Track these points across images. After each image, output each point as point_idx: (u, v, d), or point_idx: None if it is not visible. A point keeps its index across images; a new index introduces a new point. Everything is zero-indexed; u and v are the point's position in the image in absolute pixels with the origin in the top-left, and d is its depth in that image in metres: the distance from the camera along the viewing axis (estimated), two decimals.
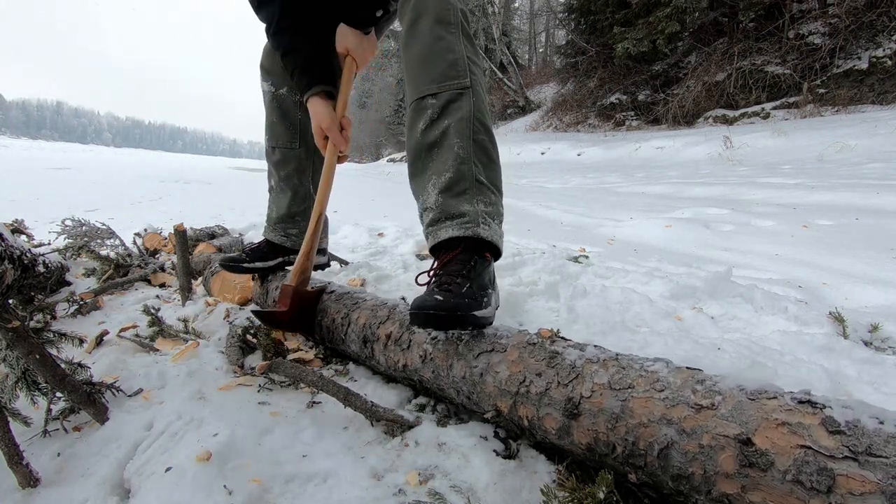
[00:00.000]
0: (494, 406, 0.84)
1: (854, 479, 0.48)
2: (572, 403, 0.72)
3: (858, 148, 5.63)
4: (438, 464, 0.81)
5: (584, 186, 6.47)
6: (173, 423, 0.88)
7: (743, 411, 0.58)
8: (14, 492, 0.77)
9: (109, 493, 0.76)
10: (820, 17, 8.75)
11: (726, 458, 0.56)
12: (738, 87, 9.61)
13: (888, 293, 1.63)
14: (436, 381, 0.96)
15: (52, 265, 1.79)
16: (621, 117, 12.28)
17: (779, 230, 2.72)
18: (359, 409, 0.92)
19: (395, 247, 2.51)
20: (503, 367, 0.83)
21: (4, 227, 1.52)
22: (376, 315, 1.13)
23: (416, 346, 1.00)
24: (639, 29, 10.37)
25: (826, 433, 0.51)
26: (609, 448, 0.68)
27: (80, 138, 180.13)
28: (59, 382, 0.86)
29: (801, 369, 1.07)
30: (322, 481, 0.79)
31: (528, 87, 19.00)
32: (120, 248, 2.11)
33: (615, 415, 0.67)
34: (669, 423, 0.62)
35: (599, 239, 2.89)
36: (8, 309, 0.83)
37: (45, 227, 2.70)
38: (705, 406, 0.61)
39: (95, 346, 1.35)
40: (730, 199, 4.09)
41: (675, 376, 0.67)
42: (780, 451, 0.53)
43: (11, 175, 8.79)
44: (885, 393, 1.02)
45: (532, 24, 23.33)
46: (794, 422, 0.54)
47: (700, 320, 1.39)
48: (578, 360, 0.77)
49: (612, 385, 0.70)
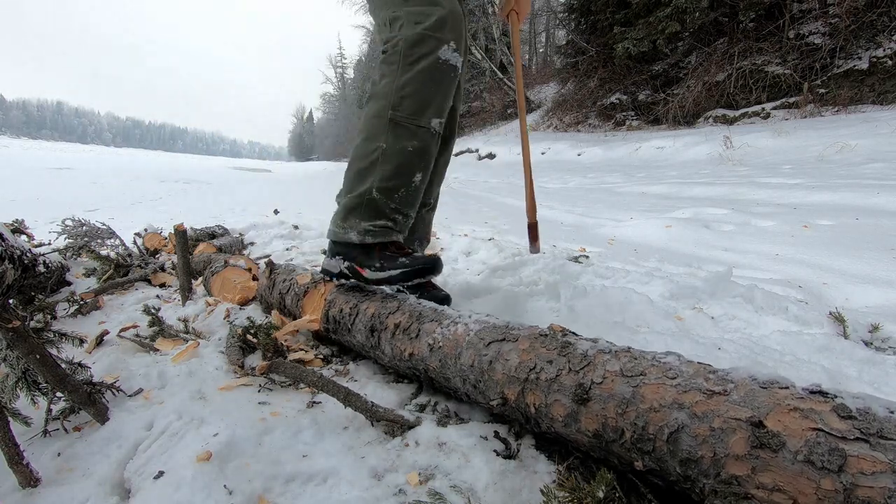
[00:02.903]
0: (501, 394, 0.84)
1: (865, 459, 0.48)
2: (583, 389, 0.72)
3: (859, 148, 5.62)
4: (439, 464, 0.81)
5: (585, 186, 6.47)
6: (173, 422, 0.88)
7: (755, 397, 0.59)
8: (14, 492, 0.77)
9: (110, 493, 0.76)
10: (820, 17, 8.74)
11: (737, 440, 0.56)
12: (739, 87, 9.60)
13: (888, 293, 1.63)
14: (442, 371, 0.96)
15: (53, 265, 1.79)
16: (621, 117, 12.27)
17: (779, 230, 2.72)
18: (359, 409, 0.92)
19: None
20: (514, 355, 0.84)
21: (5, 227, 1.53)
22: (385, 306, 1.15)
23: (424, 335, 1.01)
24: (639, 29, 10.37)
25: (837, 418, 0.52)
26: (617, 433, 0.68)
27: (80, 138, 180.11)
28: (60, 382, 0.86)
29: (802, 369, 1.07)
30: (322, 481, 0.79)
31: (528, 87, 18.99)
32: (120, 247, 2.11)
33: (626, 400, 0.68)
34: (681, 408, 0.62)
35: (600, 239, 2.89)
36: (8, 309, 0.83)
37: (45, 226, 2.70)
38: (717, 392, 0.61)
39: (96, 346, 1.35)
40: (730, 199, 4.09)
41: (688, 367, 0.68)
42: (791, 434, 0.53)
43: (12, 175, 8.79)
44: (886, 393, 1.02)
45: (532, 24, 23.33)
46: (805, 408, 0.55)
47: (700, 320, 1.39)
48: (590, 350, 0.77)
49: (625, 372, 0.70)
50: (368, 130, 1.24)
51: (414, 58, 1.20)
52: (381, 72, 1.26)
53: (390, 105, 1.21)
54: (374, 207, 1.25)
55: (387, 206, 1.26)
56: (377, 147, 1.22)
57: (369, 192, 1.23)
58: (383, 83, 1.24)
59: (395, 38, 1.22)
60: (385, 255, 1.26)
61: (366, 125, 1.25)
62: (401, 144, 1.23)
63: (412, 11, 1.21)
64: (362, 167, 1.25)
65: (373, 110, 1.24)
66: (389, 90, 1.21)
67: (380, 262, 1.24)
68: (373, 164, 1.23)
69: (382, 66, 1.25)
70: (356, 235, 1.25)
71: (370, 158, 1.23)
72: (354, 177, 1.27)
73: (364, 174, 1.24)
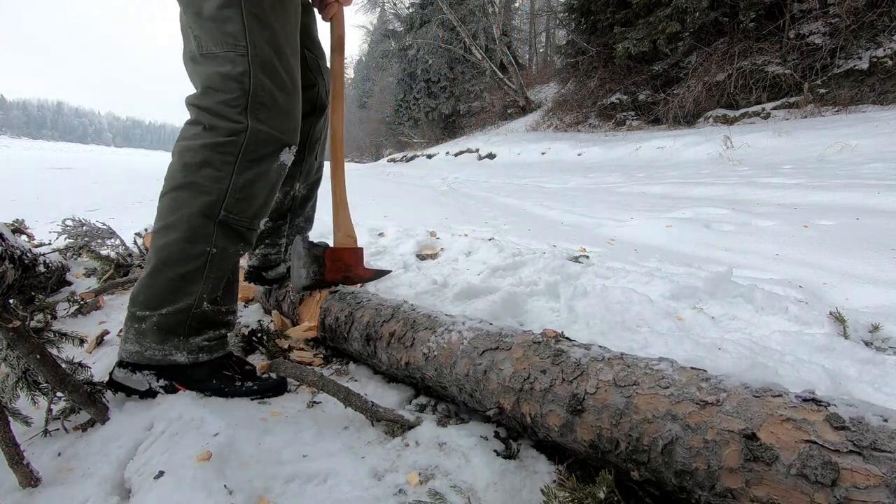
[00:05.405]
0: (497, 403, 0.84)
1: (859, 472, 0.48)
2: (576, 400, 0.72)
3: (859, 148, 5.62)
4: (439, 464, 0.81)
5: (585, 186, 6.47)
6: (174, 422, 0.88)
7: (748, 407, 0.58)
8: (14, 491, 0.77)
9: (110, 493, 0.76)
10: (820, 17, 8.74)
11: (731, 453, 0.56)
12: (739, 87, 9.59)
13: (889, 293, 1.63)
14: (438, 379, 0.96)
15: (53, 265, 1.79)
16: (622, 117, 12.27)
17: (779, 230, 2.71)
18: (359, 409, 0.92)
19: (395, 247, 2.51)
20: (507, 364, 0.84)
21: (5, 227, 1.53)
22: (380, 314, 1.14)
23: (419, 344, 1.00)
24: (639, 29, 10.36)
25: (830, 429, 0.52)
26: (612, 444, 0.68)
27: (80, 138, 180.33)
28: (60, 382, 0.86)
29: (802, 369, 1.06)
30: (322, 481, 0.79)
31: (528, 87, 18.99)
32: (120, 247, 2.11)
33: (619, 411, 0.67)
34: (674, 419, 0.62)
35: (600, 239, 2.89)
36: (9, 309, 0.83)
37: (45, 226, 2.70)
38: (710, 402, 0.61)
39: (96, 345, 1.35)
40: (730, 199, 4.09)
41: (680, 375, 0.67)
42: (784, 446, 0.53)
43: (12, 175, 8.79)
44: (887, 393, 1.01)
45: (532, 24, 23.33)
46: (798, 418, 0.54)
47: (701, 320, 1.39)
48: (583, 359, 0.77)
49: (617, 382, 0.70)
50: (190, 230, 1.00)
51: (257, 156, 1.03)
52: (200, 157, 1.00)
53: (221, 205, 1.01)
54: (205, 321, 1.05)
55: (219, 314, 1.08)
56: (204, 252, 1.01)
57: (198, 307, 1.03)
58: (206, 174, 1.00)
59: (232, 125, 1.00)
60: (223, 377, 1.06)
61: (184, 222, 1.00)
62: (233, 248, 1.06)
63: (260, 102, 1.01)
64: (182, 273, 1.00)
65: (194, 206, 1.00)
66: (220, 188, 1.00)
67: (217, 384, 1.04)
68: (197, 270, 1.01)
69: (205, 151, 1.00)
70: (185, 356, 1.03)
71: (194, 264, 1.01)
72: (170, 285, 1.00)
73: (185, 283, 1.01)
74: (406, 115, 25.67)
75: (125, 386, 1.02)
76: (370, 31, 32.16)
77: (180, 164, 1.02)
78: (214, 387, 1.04)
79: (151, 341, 1.01)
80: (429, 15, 19.60)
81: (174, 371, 1.03)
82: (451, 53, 19.70)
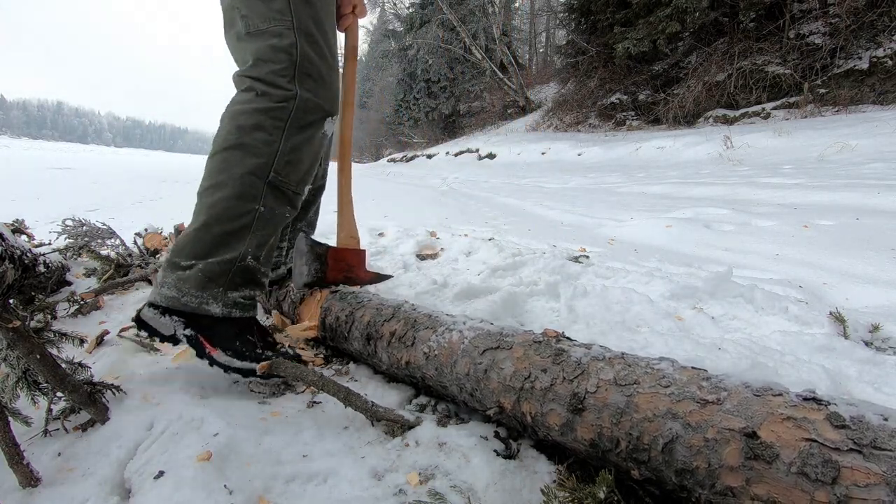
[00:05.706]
0: (497, 402, 0.84)
1: (859, 471, 0.48)
2: (577, 398, 0.72)
3: (859, 148, 5.62)
4: (439, 464, 0.81)
5: (585, 186, 6.47)
6: (174, 422, 0.88)
7: (748, 406, 0.58)
8: (14, 491, 0.77)
9: (110, 493, 0.76)
10: (820, 17, 8.74)
11: (731, 452, 0.56)
12: (739, 87, 9.60)
13: (889, 293, 1.63)
14: (438, 379, 0.96)
15: (53, 265, 1.79)
16: (622, 117, 12.27)
17: (779, 230, 2.71)
18: (359, 408, 0.92)
19: (395, 247, 2.51)
20: (508, 363, 0.84)
21: (5, 227, 1.53)
22: (381, 314, 1.14)
23: (420, 343, 1.01)
24: (639, 29, 10.36)
25: (831, 427, 0.52)
26: (613, 443, 0.68)
27: (80, 138, 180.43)
28: (60, 382, 0.86)
29: (802, 369, 1.07)
30: (322, 481, 0.79)
31: (528, 87, 18.99)
32: (120, 247, 2.11)
33: (620, 410, 0.67)
34: (675, 418, 0.62)
35: (600, 239, 2.89)
36: (9, 309, 0.83)
37: (45, 226, 2.71)
38: (711, 401, 0.61)
39: (96, 345, 1.35)
40: (730, 199, 4.09)
41: (681, 374, 0.67)
42: (785, 444, 0.53)
43: (12, 175, 8.80)
44: (887, 393, 1.01)
45: (532, 24, 23.33)
46: (799, 416, 0.54)
47: (701, 320, 1.39)
48: (584, 358, 0.77)
49: (618, 381, 0.70)
50: (241, 188, 1.05)
51: (305, 123, 1.10)
52: (252, 120, 1.06)
53: (272, 167, 1.07)
54: (247, 276, 1.09)
55: (259, 271, 1.12)
56: (252, 209, 1.06)
57: (242, 259, 1.07)
58: (258, 137, 1.06)
59: (283, 92, 1.06)
60: (246, 341, 1.09)
61: (235, 180, 1.05)
62: (279, 209, 1.11)
63: (306, 73, 1.08)
64: (230, 229, 1.05)
65: (246, 166, 1.05)
66: (270, 150, 1.06)
67: (240, 346, 1.07)
68: (245, 227, 1.06)
69: (257, 115, 1.06)
70: (220, 308, 1.06)
71: (242, 221, 1.05)
72: (217, 239, 1.05)
73: (233, 237, 1.06)
74: (406, 115, 25.68)
75: (150, 326, 1.06)
76: (370, 31, 32.17)
77: (233, 126, 1.07)
78: (237, 348, 1.07)
79: (192, 287, 1.04)
80: (429, 15, 19.61)
81: (204, 323, 1.06)
82: (451, 53, 19.70)
